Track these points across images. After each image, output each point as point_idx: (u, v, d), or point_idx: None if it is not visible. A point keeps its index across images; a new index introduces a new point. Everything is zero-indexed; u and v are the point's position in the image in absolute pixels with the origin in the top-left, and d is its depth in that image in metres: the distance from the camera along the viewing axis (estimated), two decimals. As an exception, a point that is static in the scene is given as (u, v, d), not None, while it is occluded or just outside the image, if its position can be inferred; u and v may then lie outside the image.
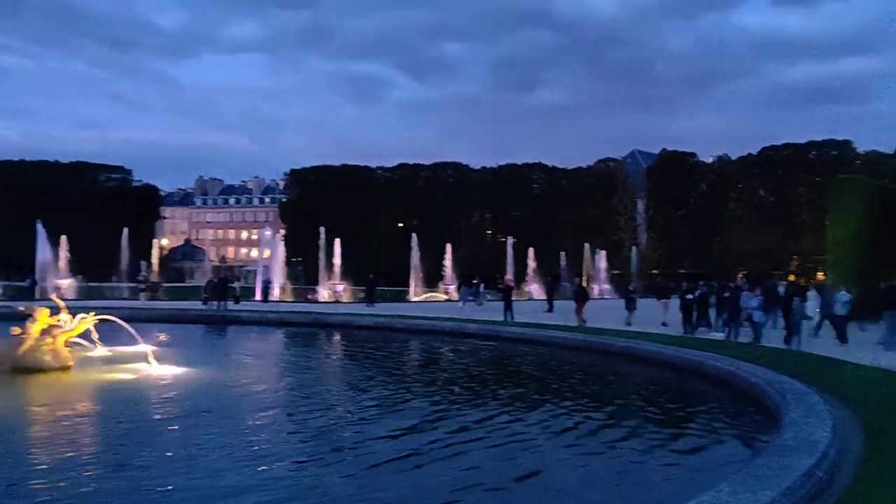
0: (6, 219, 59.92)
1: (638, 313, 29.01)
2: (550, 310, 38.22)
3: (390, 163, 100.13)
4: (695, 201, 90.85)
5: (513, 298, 35.17)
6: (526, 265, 67.07)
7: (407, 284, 61.41)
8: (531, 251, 67.35)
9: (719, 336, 23.77)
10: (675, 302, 27.89)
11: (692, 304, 25.82)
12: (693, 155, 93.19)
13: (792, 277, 55.31)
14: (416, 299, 57.17)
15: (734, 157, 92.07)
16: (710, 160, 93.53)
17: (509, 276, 60.63)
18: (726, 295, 24.97)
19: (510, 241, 69.23)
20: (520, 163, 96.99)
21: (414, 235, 62.27)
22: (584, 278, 53.60)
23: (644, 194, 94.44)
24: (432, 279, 62.73)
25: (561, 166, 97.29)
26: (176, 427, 11.31)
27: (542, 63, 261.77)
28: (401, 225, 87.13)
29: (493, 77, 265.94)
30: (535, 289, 62.67)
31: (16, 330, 16.74)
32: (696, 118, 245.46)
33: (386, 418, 12.14)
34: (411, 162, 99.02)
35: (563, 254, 71.01)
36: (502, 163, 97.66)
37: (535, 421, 11.89)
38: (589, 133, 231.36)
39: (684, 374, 16.97)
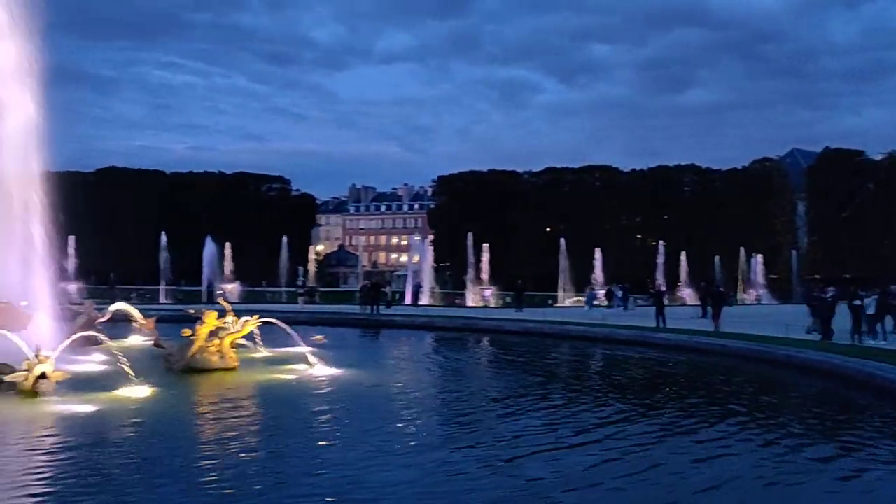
0: (176, 226, 64.24)
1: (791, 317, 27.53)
2: (704, 315, 36.97)
3: (537, 167, 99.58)
4: (861, 201, 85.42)
5: (665, 304, 34.29)
6: (678, 270, 65.38)
7: (554, 289, 61.09)
8: (683, 255, 65.61)
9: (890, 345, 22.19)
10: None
11: (858, 309, 24.26)
12: (859, 152, 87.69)
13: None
14: (564, 304, 56.82)
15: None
16: (878, 157, 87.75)
17: (660, 281, 59.14)
18: (893, 302, 23.35)
19: (661, 245, 67.61)
20: (671, 164, 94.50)
21: (562, 240, 61.88)
22: (721, 282, 51.60)
23: (804, 195, 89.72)
24: (580, 284, 62.11)
25: (715, 167, 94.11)
26: (335, 427, 11.72)
27: (694, 62, 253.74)
28: (548, 229, 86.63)
29: (642, 78, 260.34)
30: (687, 294, 60.94)
31: (186, 332, 17.91)
32: (862, 113, 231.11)
33: (560, 428, 11.84)
34: (559, 166, 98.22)
35: (716, 258, 68.60)
36: (652, 165, 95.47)
37: (711, 437, 11.42)
38: (744, 133, 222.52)
39: (851, 385, 16.01)
